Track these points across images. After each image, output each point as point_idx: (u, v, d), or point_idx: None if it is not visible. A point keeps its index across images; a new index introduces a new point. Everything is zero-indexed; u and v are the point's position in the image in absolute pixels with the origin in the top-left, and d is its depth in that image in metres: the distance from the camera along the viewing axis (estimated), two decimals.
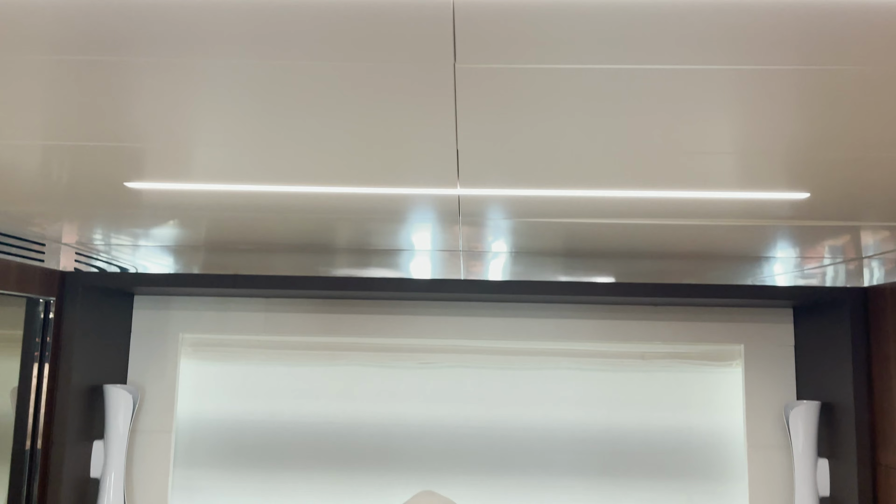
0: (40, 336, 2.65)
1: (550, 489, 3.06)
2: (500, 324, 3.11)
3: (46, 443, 2.61)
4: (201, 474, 3.08)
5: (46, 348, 2.65)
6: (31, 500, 2.59)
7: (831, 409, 2.74)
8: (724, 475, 3.04)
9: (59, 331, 2.68)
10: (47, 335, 2.65)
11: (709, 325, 3.07)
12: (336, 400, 3.12)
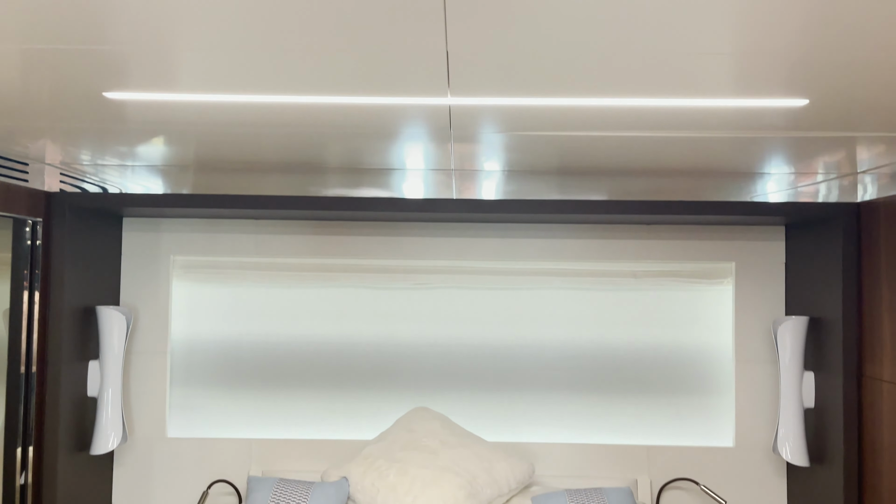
0: (29, 258, 2.63)
1: (542, 404, 3.13)
2: (493, 244, 3.12)
3: (41, 363, 2.63)
4: (198, 393, 3.13)
5: (36, 269, 2.64)
6: (28, 420, 2.63)
7: (819, 324, 2.78)
8: (711, 389, 3.11)
9: (48, 252, 2.66)
10: (36, 257, 2.64)
11: (701, 243, 3.08)
12: (329, 321, 3.15)
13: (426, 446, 2.83)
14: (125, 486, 3.05)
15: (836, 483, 2.64)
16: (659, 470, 3.05)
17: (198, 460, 3.06)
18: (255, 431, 3.12)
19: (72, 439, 2.74)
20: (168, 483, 3.05)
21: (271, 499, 2.62)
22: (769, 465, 3.04)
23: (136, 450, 3.06)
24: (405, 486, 2.69)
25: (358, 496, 2.73)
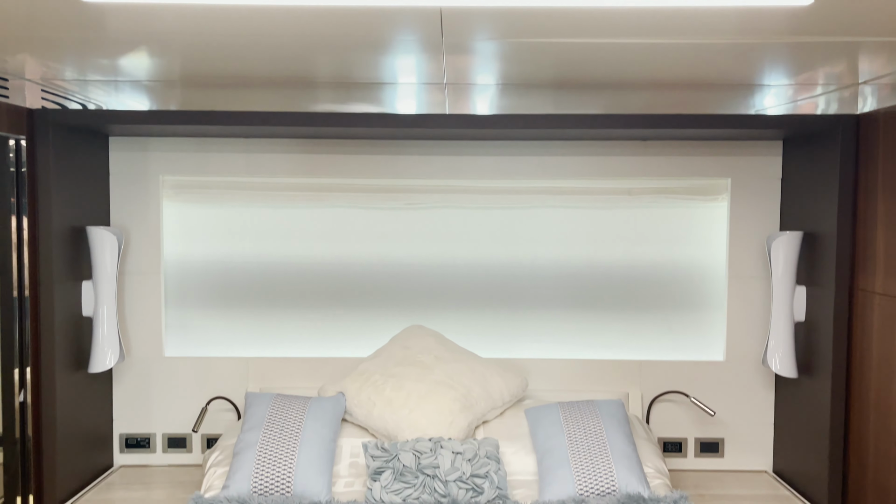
0: (15, 177, 2.59)
1: (535, 322, 3.16)
2: (487, 162, 3.08)
3: (34, 284, 2.63)
4: (193, 313, 3.14)
5: (23, 189, 2.60)
6: (24, 340, 2.64)
7: (813, 239, 2.78)
8: (703, 305, 3.15)
9: (33, 171, 2.61)
10: (21, 177, 2.59)
11: (697, 159, 3.05)
12: (322, 241, 3.14)
13: (421, 362, 2.86)
14: (125, 404, 3.10)
15: (823, 394, 2.70)
16: (650, 383, 3.11)
17: (195, 378, 3.10)
18: (252, 350, 3.15)
19: (69, 358, 2.77)
20: (167, 401, 3.10)
21: (269, 413, 2.66)
22: (758, 378, 3.11)
23: (134, 369, 3.10)
24: (401, 400, 2.74)
25: (355, 410, 2.78)
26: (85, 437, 2.89)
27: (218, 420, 3.11)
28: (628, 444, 2.62)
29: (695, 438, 3.13)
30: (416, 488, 2.47)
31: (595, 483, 2.48)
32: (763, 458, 3.13)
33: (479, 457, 2.55)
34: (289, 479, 2.48)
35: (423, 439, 2.61)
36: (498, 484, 2.50)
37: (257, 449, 2.54)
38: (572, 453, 2.57)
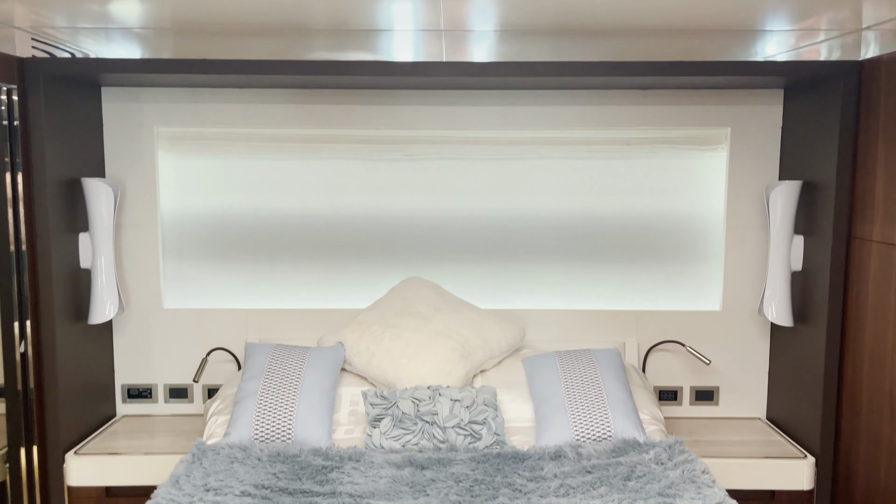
0: (7, 130, 2.56)
1: (533, 273, 3.17)
2: (485, 112, 3.05)
3: (31, 236, 2.62)
4: (191, 266, 3.15)
5: (16, 139, 2.57)
6: (23, 293, 2.64)
7: (812, 188, 2.77)
8: (701, 256, 3.15)
9: (25, 121, 2.58)
10: (14, 129, 2.56)
11: (697, 108, 3.02)
12: (319, 193, 3.12)
13: (419, 312, 2.88)
14: (126, 356, 3.12)
15: (817, 342, 2.72)
16: (646, 333, 3.14)
17: (195, 330, 3.11)
18: (251, 302, 3.16)
19: (68, 310, 2.77)
20: (167, 352, 3.12)
21: (269, 362, 2.69)
22: (754, 327, 3.13)
23: (134, 321, 3.11)
24: (399, 350, 2.76)
25: (354, 360, 2.80)
26: (87, 388, 2.91)
27: (218, 371, 3.14)
28: (624, 391, 2.65)
29: (690, 387, 3.17)
30: (415, 434, 2.51)
31: (591, 429, 2.52)
32: (757, 405, 3.18)
33: (477, 404, 2.59)
34: (289, 426, 2.51)
35: (422, 387, 2.64)
36: (496, 430, 2.54)
37: (258, 397, 2.57)
38: (569, 400, 2.60)
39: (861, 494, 2.55)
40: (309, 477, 2.23)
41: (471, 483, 2.20)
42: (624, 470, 2.26)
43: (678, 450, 2.36)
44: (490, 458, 2.38)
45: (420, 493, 2.14)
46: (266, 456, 2.35)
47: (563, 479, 2.23)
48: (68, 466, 2.70)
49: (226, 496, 2.08)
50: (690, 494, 2.06)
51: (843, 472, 2.66)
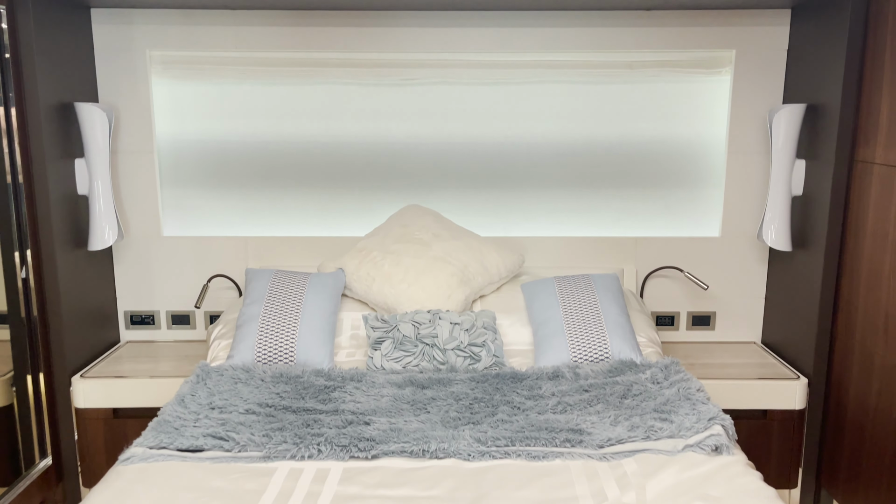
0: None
1: (533, 201, 3.16)
2: (485, 35, 2.98)
3: (26, 161, 2.59)
4: (189, 193, 3.13)
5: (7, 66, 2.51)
6: (22, 221, 2.63)
7: (816, 111, 2.74)
8: (701, 182, 3.14)
9: (15, 43, 2.52)
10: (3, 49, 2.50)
11: (701, 29, 2.95)
12: (317, 119, 3.08)
13: (419, 239, 2.88)
14: (127, 283, 3.14)
15: (815, 266, 2.74)
16: (645, 259, 3.15)
17: (195, 257, 3.12)
18: (250, 230, 3.16)
19: (68, 236, 2.77)
20: (168, 279, 3.14)
21: (269, 287, 2.70)
22: (752, 253, 3.14)
23: (134, 248, 3.12)
24: (399, 275, 2.77)
25: (354, 285, 2.82)
26: (90, 315, 2.94)
27: (219, 298, 3.16)
28: (622, 314, 2.68)
29: (687, 312, 3.21)
30: (416, 356, 2.54)
31: (589, 351, 2.55)
32: (753, 330, 3.22)
33: (477, 327, 2.62)
34: (291, 349, 2.55)
35: (422, 311, 2.66)
36: (494, 352, 2.57)
37: (259, 321, 2.59)
38: (567, 324, 2.63)
39: (852, 414, 2.61)
40: (312, 396, 2.27)
41: (470, 401, 2.25)
42: (620, 389, 2.30)
43: (674, 370, 2.40)
44: (489, 378, 2.42)
45: (421, 411, 2.19)
46: (269, 377, 2.39)
47: (560, 397, 2.27)
48: (75, 389, 2.75)
49: (230, 414, 2.13)
50: (685, 410, 2.10)
51: (835, 392, 2.72)
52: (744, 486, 1.73)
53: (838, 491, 2.71)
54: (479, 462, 1.92)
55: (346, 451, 1.94)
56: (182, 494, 1.72)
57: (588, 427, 2.06)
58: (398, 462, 1.92)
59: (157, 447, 1.94)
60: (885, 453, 2.40)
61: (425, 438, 1.99)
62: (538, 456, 1.93)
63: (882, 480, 2.43)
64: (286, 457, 1.92)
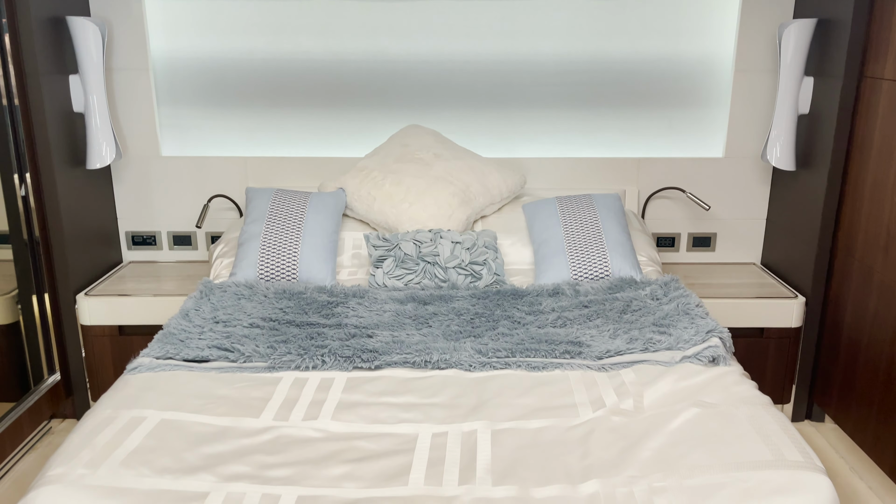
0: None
1: (535, 121, 3.12)
2: None
3: (20, 76, 2.54)
4: (187, 113, 3.09)
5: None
6: (18, 138, 2.60)
7: (827, 26, 2.67)
8: (707, 101, 3.09)
9: None
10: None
11: None
12: (315, 36, 3.01)
13: (420, 159, 2.86)
14: (127, 203, 3.13)
15: (818, 184, 2.72)
16: (647, 181, 3.13)
17: (194, 178, 3.10)
18: (249, 150, 3.13)
19: (66, 155, 2.75)
20: (168, 200, 3.13)
21: (270, 206, 2.70)
22: (755, 174, 3.12)
23: (133, 168, 3.09)
24: (400, 195, 2.76)
25: (355, 205, 2.81)
26: (92, 235, 2.94)
27: (220, 219, 3.16)
28: (623, 233, 2.68)
29: (688, 233, 3.21)
30: (417, 274, 2.56)
31: (589, 269, 2.57)
32: (753, 251, 3.23)
33: (478, 246, 2.62)
34: (293, 267, 2.56)
35: (423, 230, 2.66)
36: (495, 271, 2.59)
37: (261, 239, 2.60)
38: (568, 243, 2.63)
39: (848, 331, 2.64)
40: (315, 311, 2.30)
41: (471, 316, 2.27)
42: (620, 304, 2.32)
43: (673, 286, 2.42)
44: (490, 294, 2.44)
45: (423, 325, 2.21)
46: (272, 293, 2.41)
47: (560, 312, 2.29)
48: (80, 307, 2.78)
49: (234, 327, 2.15)
50: (684, 324, 2.13)
51: (832, 310, 2.75)
52: (739, 394, 1.77)
53: (830, 406, 2.77)
54: (480, 372, 1.95)
55: (349, 362, 1.97)
56: (190, 401, 1.76)
57: (587, 340, 2.09)
58: (401, 372, 1.95)
59: (164, 357, 1.97)
60: (879, 370, 2.45)
61: (427, 350, 2.02)
62: (538, 367, 1.97)
63: (874, 396, 2.48)
64: (290, 367, 1.95)
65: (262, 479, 1.46)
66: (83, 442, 1.56)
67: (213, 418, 1.69)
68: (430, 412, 1.74)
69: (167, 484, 1.43)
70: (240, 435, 1.63)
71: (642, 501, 1.39)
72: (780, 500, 1.37)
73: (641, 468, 1.49)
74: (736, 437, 1.56)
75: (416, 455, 1.56)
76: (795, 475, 1.43)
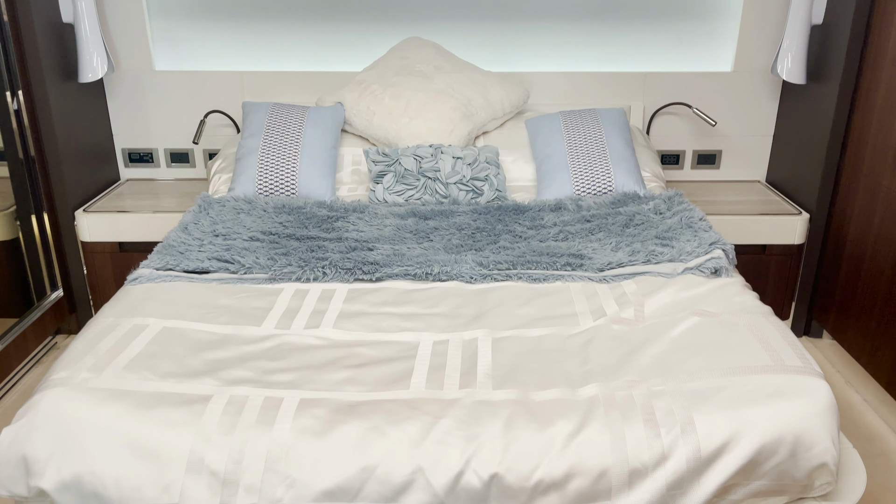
0: None
1: (539, 34, 3.02)
2: None
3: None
4: (180, 25, 2.99)
5: None
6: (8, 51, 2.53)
7: None
8: (716, 13, 2.98)
9: None
10: None
11: None
12: None
13: (420, 72, 2.78)
14: (122, 119, 3.07)
15: (828, 98, 2.66)
16: (653, 96, 3.06)
17: (190, 93, 3.03)
18: (245, 64, 3.05)
19: (57, 68, 2.68)
20: (164, 116, 3.07)
21: (268, 120, 2.64)
22: (764, 89, 3.05)
23: (126, 83, 3.02)
24: (400, 109, 2.70)
25: (354, 119, 2.76)
26: (88, 152, 2.90)
27: (217, 135, 3.11)
28: (627, 148, 2.63)
29: (693, 151, 3.16)
30: (418, 189, 2.53)
31: (592, 184, 2.53)
32: (758, 169, 3.19)
33: (479, 162, 2.58)
34: (292, 182, 2.53)
35: (424, 146, 2.62)
36: (497, 186, 2.56)
37: (259, 154, 2.56)
38: (571, 158, 2.59)
39: (850, 248, 2.63)
40: (315, 225, 2.28)
41: (472, 230, 2.26)
42: (623, 219, 2.30)
43: (677, 201, 2.39)
44: (491, 210, 2.42)
45: (424, 239, 2.20)
46: (272, 207, 2.39)
47: (562, 226, 2.28)
48: (79, 223, 2.76)
49: (234, 241, 2.14)
50: (686, 237, 2.11)
51: (836, 226, 2.73)
52: (741, 304, 1.76)
53: (829, 322, 2.79)
54: (481, 284, 1.95)
55: (350, 274, 1.96)
56: (191, 311, 1.76)
57: (589, 253, 2.08)
58: (402, 284, 1.95)
59: (164, 269, 1.97)
60: (880, 285, 2.45)
61: (428, 262, 2.02)
62: (539, 278, 1.96)
63: (873, 312, 2.49)
64: (291, 279, 1.95)
65: (265, 384, 1.48)
66: (86, 348, 1.57)
67: (214, 326, 1.69)
68: (432, 321, 1.75)
69: (170, 387, 1.44)
70: (241, 342, 1.64)
71: (641, 404, 1.40)
72: (779, 403, 1.38)
73: (641, 373, 1.50)
74: (736, 344, 1.57)
75: (418, 361, 1.57)
76: (794, 379, 1.44)
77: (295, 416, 1.37)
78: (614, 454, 1.32)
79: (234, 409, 1.39)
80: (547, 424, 1.35)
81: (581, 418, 1.37)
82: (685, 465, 1.32)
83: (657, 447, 1.33)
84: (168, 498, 1.29)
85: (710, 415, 1.37)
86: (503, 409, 1.39)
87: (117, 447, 1.33)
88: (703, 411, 1.37)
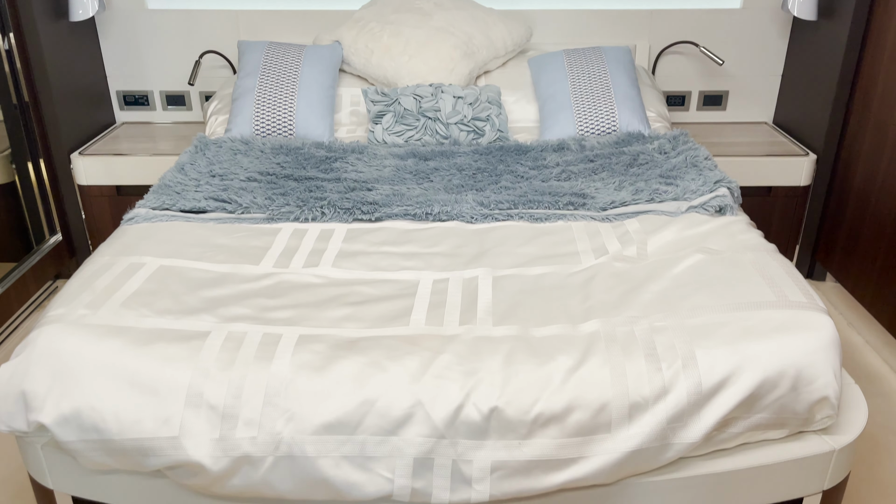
0: None
1: None
2: None
3: None
4: None
5: None
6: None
7: None
8: None
9: None
10: None
11: None
12: None
13: (419, 8, 2.71)
14: (116, 61, 3.01)
15: (839, 36, 2.58)
16: (660, 34, 2.98)
17: (184, 33, 2.96)
18: (240, 2, 2.97)
19: (47, 5, 2.60)
20: (158, 57, 3.00)
21: (264, 60, 2.58)
22: (774, 27, 2.97)
23: (119, 22, 2.95)
24: (399, 47, 2.64)
25: (352, 59, 2.69)
26: (82, 93, 2.84)
27: (213, 77, 3.05)
28: (632, 87, 2.57)
29: (699, 91, 3.09)
30: (418, 130, 2.48)
31: (596, 124, 2.49)
32: (765, 110, 3.12)
33: (481, 101, 2.53)
34: (290, 122, 2.48)
35: (424, 85, 2.56)
36: (499, 127, 2.51)
37: (255, 94, 2.51)
38: (574, 97, 2.54)
39: (857, 189, 2.59)
40: (313, 166, 2.24)
41: (473, 171, 2.22)
42: (626, 158, 2.26)
43: (682, 140, 2.35)
44: (493, 150, 2.38)
45: (424, 180, 2.17)
46: (269, 148, 2.35)
47: (565, 166, 2.24)
48: (75, 167, 2.73)
49: (231, 181, 2.11)
50: (691, 176, 2.07)
51: (843, 167, 2.68)
52: (745, 242, 1.74)
53: (833, 264, 2.77)
54: (482, 224, 1.92)
55: (349, 214, 1.94)
56: (188, 250, 1.74)
57: (592, 192, 2.05)
58: (401, 224, 1.93)
59: (160, 208, 1.94)
60: (885, 227, 2.42)
61: (428, 202, 1.99)
62: (540, 218, 1.93)
63: (878, 251, 2.46)
64: (289, 219, 1.93)
65: (263, 320, 1.46)
66: (83, 285, 1.56)
67: (212, 265, 1.68)
68: (431, 260, 1.73)
69: (168, 323, 1.43)
70: (240, 280, 1.62)
71: (643, 340, 1.39)
72: (782, 338, 1.37)
73: (643, 309, 1.49)
74: (739, 280, 1.55)
75: (417, 299, 1.56)
76: (797, 314, 1.42)
77: (294, 351, 1.36)
78: (615, 388, 1.31)
79: (232, 344, 1.38)
80: (547, 359, 1.34)
81: (581, 353, 1.36)
82: (686, 398, 1.32)
83: (658, 381, 1.32)
84: (168, 431, 1.29)
85: (712, 349, 1.36)
86: (503, 344, 1.38)
87: (116, 381, 1.32)
88: (704, 346, 1.36)
